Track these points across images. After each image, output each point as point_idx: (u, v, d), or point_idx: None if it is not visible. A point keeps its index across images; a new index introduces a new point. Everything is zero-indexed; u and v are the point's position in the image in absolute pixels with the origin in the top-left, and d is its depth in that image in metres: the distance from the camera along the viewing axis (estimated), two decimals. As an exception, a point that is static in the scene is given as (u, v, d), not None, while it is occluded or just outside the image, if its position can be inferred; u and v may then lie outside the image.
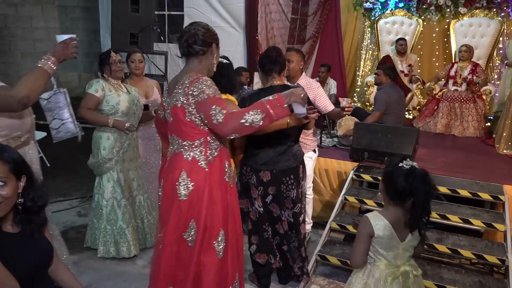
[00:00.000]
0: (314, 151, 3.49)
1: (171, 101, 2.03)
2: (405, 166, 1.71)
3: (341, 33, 6.79)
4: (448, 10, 6.45)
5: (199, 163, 2.02)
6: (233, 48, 5.34)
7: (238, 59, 5.41)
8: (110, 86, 3.15)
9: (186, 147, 2.02)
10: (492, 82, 6.06)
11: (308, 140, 3.35)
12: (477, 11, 6.26)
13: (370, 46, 7.06)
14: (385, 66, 5.07)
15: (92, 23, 6.83)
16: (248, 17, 5.28)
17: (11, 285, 1.44)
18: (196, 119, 1.96)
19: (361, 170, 3.76)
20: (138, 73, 3.57)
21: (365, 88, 6.66)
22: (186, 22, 5.61)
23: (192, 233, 2.04)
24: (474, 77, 5.56)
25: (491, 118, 5.60)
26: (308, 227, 3.59)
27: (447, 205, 3.41)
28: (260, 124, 1.89)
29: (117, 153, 3.15)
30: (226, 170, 2.12)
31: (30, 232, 1.60)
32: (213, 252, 2.07)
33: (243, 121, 1.86)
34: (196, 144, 2.01)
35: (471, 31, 6.29)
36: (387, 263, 1.78)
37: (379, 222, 1.76)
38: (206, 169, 2.03)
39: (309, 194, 3.54)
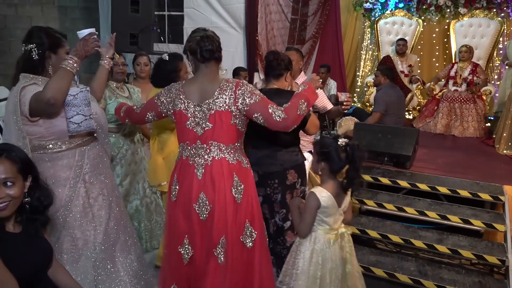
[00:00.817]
0: (311, 152, 3.42)
1: (209, 107, 1.99)
2: (343, 143, 1.99)
3: (341, 34, 6.79)
4: (448, 10, 6.46)
5: (242, 164, 2.10)
6: (233, 48, 5.34)
7: (238, 60, 5.41)
8: (110, 92, 3.10)
9: (230, 151, 2.04)
10: (492, 82, 6.06)
11: (304, 141, 3.26)
12: (477, 11, 6.26)
13: (370, 46, 7.06)
14: (383, 66, 5.08)
15: (92, 23, 6.82)
16: (248, 18, 5.28)
17: (11, 285, 1.44)
18: (238, 122, 2.03)
19: (361, 170, 3.75)
20: (143, 76, 3.56)
21: (365, 89, 6.66)
22: (186, 23, 5.62)
23: (248, 234, 2.07)
24: (474, 78, 5.56)
25: (492, 118, 5.60)
26: None
27: (447, 205, 3.41)
28: (305, 111, 2.08)
29: (114, 159, 3.09)
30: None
31: (34, 231, 1.62)
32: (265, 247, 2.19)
33: (298, 112, 2.04)
34: (237, 146, 2.08)
35: (471, 31, 6.29)
36: (328, 229, 2.06)
37: (324, 194, 2.02)
38: (249, 169, 2.15)
39: None
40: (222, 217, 2.00)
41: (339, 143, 2.00)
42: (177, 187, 2.08)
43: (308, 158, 3.38)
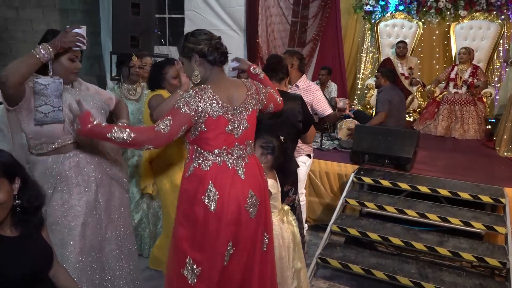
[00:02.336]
0: (309, 156, 3.35)
1: (246, 108, 2.00)
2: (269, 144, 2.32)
3: (341, 36, 6.80)
4: (448, 13, 6.46)
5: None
6: (233, 51, 5.31)
7: (239, 62, 5.42)
8: (120, 94, 3.12)
9: (253, 146, 2.14)
10: (493, 84, 6.07)
11: (302, 144, 3.19)
12: (477, 14, 6.27)
13: (371, 49, 7.07)
14: (384, 69, 5.08)
15: (93, 26, 6.83)
16: (249, 20, 5.29)
17: None
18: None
19: (362, 172, 3.76)
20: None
21: (366, 91, 6.67)
22: (187, 25, 5.63)
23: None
24: (475, 80, 5.56)
25: (492, 120, 5.59)
26: (303, 232, 3.58)
27: (448, 207, 3.40)
28: None
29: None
30: None
31: (27, 233, 1.58)
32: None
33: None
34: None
35: (471, 33, 6.30)
36: (277, 212, 2.36)
37: (271, 183, 2.26)
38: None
39: (302, 200, 3.42)
40: (264, 209, 2.08)
41: (268, 144, 2.33)
42: (216, 196, 1.90)
43: (306, 162, 3.36)
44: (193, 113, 1.85)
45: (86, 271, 2.06)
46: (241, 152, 2.00)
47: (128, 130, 1.81)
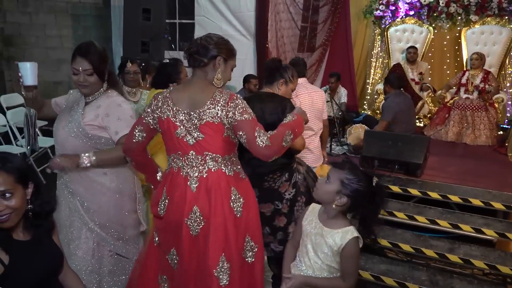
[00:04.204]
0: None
1: (200, 117, 1.86)
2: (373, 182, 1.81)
3: (351, 41, 6.79)
4: (459, 18, 6.42)
5: (240, 175, 1.99)
6: (243, 56, 5.37)
7: (248, 67, 5.44)
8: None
9: (227, 162, 1.92)
10: (505, 90, 6.00)
11: (309, 153, 3.18)
12: (488, 18, 6.22)
13: (380, 54, 7.04)
14: (388, 75, 5.03)
15: (105, 31, 6.92)
16: (258, 26, 5.31)
17: None
18: (231, 135, 1.91)
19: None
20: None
21: (375, 96, 6.64)
22: (197, 31, 5.67)
23: (248, 248, 1.97)
24: (486, 85, 5.51)
25: (504, 126, 5.53)
26: None
27: (459, 214, 3.37)
28: (289, 143, 1.94)
29: None
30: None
31: (38, 238, 1.60)
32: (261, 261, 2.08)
33: (283, 143, 1.89)
34: (233, 157, 1.97)
35: (483, 38, 6.25)
36: None
37: (332, 243, 1.78)
38: (246, 179, 2.03)
39: None
40: (220, 233, 1.87)
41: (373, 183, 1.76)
42: (166, 201, 1.94)
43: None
44: (144, 114, 1.96)
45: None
46: (198, 164, 1.89)
47: None
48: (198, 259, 1.90)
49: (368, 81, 7.12)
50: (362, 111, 6.76)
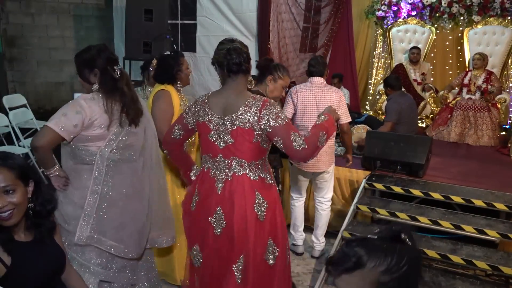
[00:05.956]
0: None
1: (232, 123, 1.95)
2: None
3: (353, 42, 6.78)
4: (462, 18, 6.40)
5: (266, 181, 2.05)
6: (245, 56, 5.37)
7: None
8: (144, 96, 3.26)
9: (252, 168, 1.99)
10: (507, 90, 5.99)
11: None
12: (491, 19, 6.20)
13: (383, 54, 7.03)
14: (387, 79, 4.96)
15: (107, 32, 6.94)
16: (260, 26, 5.31)
17: None
18: (261, 141, 1.97)
19: (374, 179, 3.73)
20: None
21: (377, 97, 6.63)
22: (199, 31, 5.67)
23: (270, 251, 2.03)
24: (489, 86, 5.50)
25: (507, 127, 5.51)
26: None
27: (462, 215, 3.36)
28: (324, 143, 2.02)
29: None
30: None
31: (40, 238, 1.60)
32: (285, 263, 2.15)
33: (318, 144, 1.97)
34: (260, 163, 2.03)
35: (485, 39, 6.23)
36: None
37: None
38: (273, 185, 2.11)
39: (327, 207, 3.61)
40: (242, 235, 1.96)
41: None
42: (197, 198, 2.08)
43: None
44: (185, 115, 2.10)
45: None
46: (224, 167, 1.99)
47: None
48: (220, 257, 2.01)
49: (370, 81, 7.11)
50: (364, 112, 6.74)
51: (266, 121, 1.91)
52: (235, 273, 1.98)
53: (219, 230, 1.99)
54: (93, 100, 2.10)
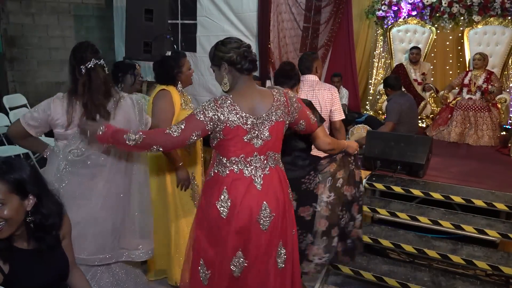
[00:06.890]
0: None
1: (270, 119, 1.97)
2: None
3: (353, 41, 6.78)
4: (462, 18, 6.41)
5: (283, 169, 2.17)
6: (245, 56, 5.37)
7: (250, 67, 5.43)
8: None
9: (279, 159, 2.10)
10: (508, 90, 5.99)
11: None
12: (491, 19, 6.20)
13: (383, 54, 7.04)
14: (386, 79, 4.96)
15: (107, 31, 6.93)
16: (261, 26, 5.30)
17: None
18: (285, 131, 2.11)
19: (374, 178, 3.73)
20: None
21: (377, 97, 6.63)
22: (199, 31, 5.67)
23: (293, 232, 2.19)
24: (489, 86, 5.50)
25: (508, 127, 5.51)
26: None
27: (462, 215, 3.36)
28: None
29: None
30: None
31: (40, 251, 1.58)
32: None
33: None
34: (280, 154, 2.14)
35: (485, 39, 6.23)
36: None
37: None
38: None
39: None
40: (280, 223, 2.03)
41: None
42: (228, 203, 1.95)
43: None
44: (207, 121, 1.89)
45: None
46: (261, 163, 2.00)
47: (140, 132, 1.94)
48: (264, 252, 2.01)
49: (370, 81, 7.11)
50: (364, 112, 6.75)
51: (293, 109, 2.08)
52: (278, 261, 2.04)
53: (266, 225, 1.98)
54: (59, 100, 2.15)
